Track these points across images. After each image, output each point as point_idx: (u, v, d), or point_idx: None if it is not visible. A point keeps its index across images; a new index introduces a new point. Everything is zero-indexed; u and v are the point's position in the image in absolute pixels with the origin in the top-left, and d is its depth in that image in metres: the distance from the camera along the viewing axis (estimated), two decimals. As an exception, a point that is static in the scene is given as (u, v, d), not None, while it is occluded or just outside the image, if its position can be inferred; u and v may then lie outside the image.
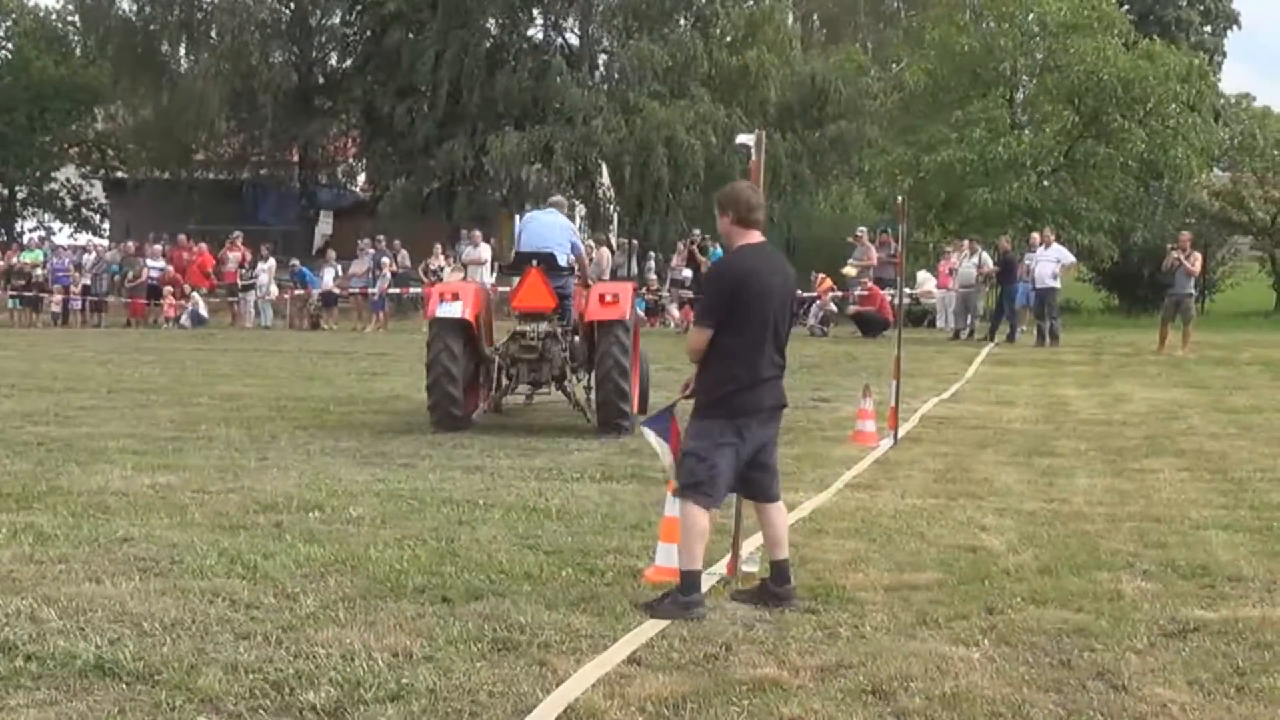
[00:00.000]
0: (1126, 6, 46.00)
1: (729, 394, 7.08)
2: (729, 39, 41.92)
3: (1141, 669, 6.23)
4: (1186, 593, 7.62)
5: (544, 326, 14.28)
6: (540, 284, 14.17)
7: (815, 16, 60.27)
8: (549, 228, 14.66)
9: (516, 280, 14.94)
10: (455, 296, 13.99)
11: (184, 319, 34.13)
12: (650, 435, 7.55)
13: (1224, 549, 8.72)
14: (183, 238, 38.14)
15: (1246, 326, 33.62)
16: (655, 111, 37.61)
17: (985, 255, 30.66)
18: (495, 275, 31.16)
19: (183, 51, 46.68)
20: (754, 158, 8.07)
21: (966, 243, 31.44)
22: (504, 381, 14.71)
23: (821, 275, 32.61)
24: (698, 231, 33.53)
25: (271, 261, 35.54)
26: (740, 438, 7.08)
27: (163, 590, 7.31)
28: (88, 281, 35.68)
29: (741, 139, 8.26)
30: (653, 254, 40.29)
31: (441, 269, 33.11)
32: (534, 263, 14.17)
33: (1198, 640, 6.69)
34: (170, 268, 35.88)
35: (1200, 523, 9.63)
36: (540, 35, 44.02)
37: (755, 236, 7.27)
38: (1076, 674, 6.16)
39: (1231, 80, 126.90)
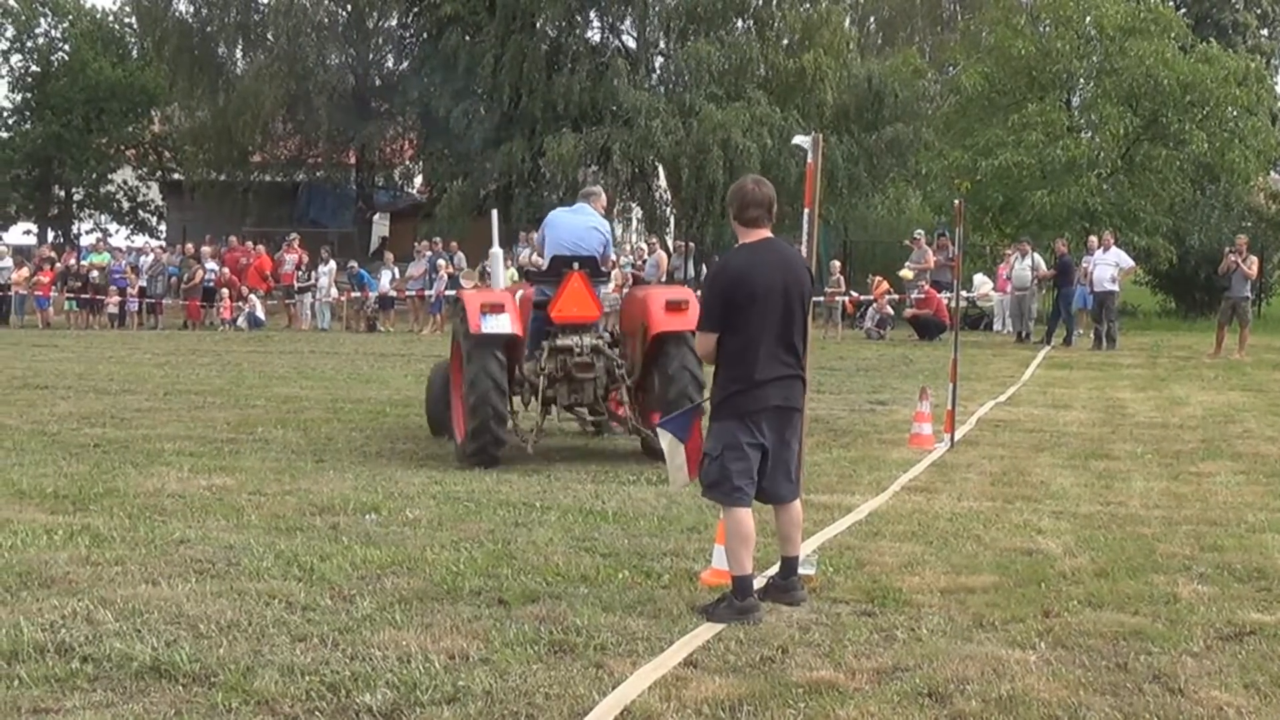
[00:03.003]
0: (1183, 10, 45.61)
1: (732, 394, 7.07)
2: (786, 41, 41.82)
3: (1198, 672, 6.20)
4: (1243, 595, 7.58)
5: (589, 339, 12.52)
6: (584, 291, 12.46)
7: (872, 20, 60.13)
8: (586, 228, 12.80)
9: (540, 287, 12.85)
10: (500, 308, 12.02)
11: (240, 321, 34.35)
12: (665, 437, 7.54)
13: (1281, 552, 8.65)
14: (234, 239, 38.35)
15: (1304, 330, 33.30)
16: (712, 114, 37.53)
17: (1039, 258, 30.54)
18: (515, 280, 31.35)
19: (239, 53, 46.87)
20: (810, 160, 8.05)
21: (1020, 246, 31.31)
22: (541, 405, 12.77)
23: (878, 278, 32.53)
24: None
25: (332, 264, 35.69)
26: (755, 435, 7.07)
27: (219, 592, 7.36)
28: (144, 283, 35.93)
29: (798, 140, 8.26)
30: (708, 257, 40.32)
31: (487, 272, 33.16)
32: (575, 266, 12.37)
33: (1254, 643, 6.66)
34: (225, 269, 36.12)
35: (1256, 526, 9.58)
36: (597, 37, 44.00)
37: (758, 234, 7.21)
38: (1132, 677, 6.14)
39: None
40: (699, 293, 7.97)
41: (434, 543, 8.65)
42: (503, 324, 12.02)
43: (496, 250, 13.31)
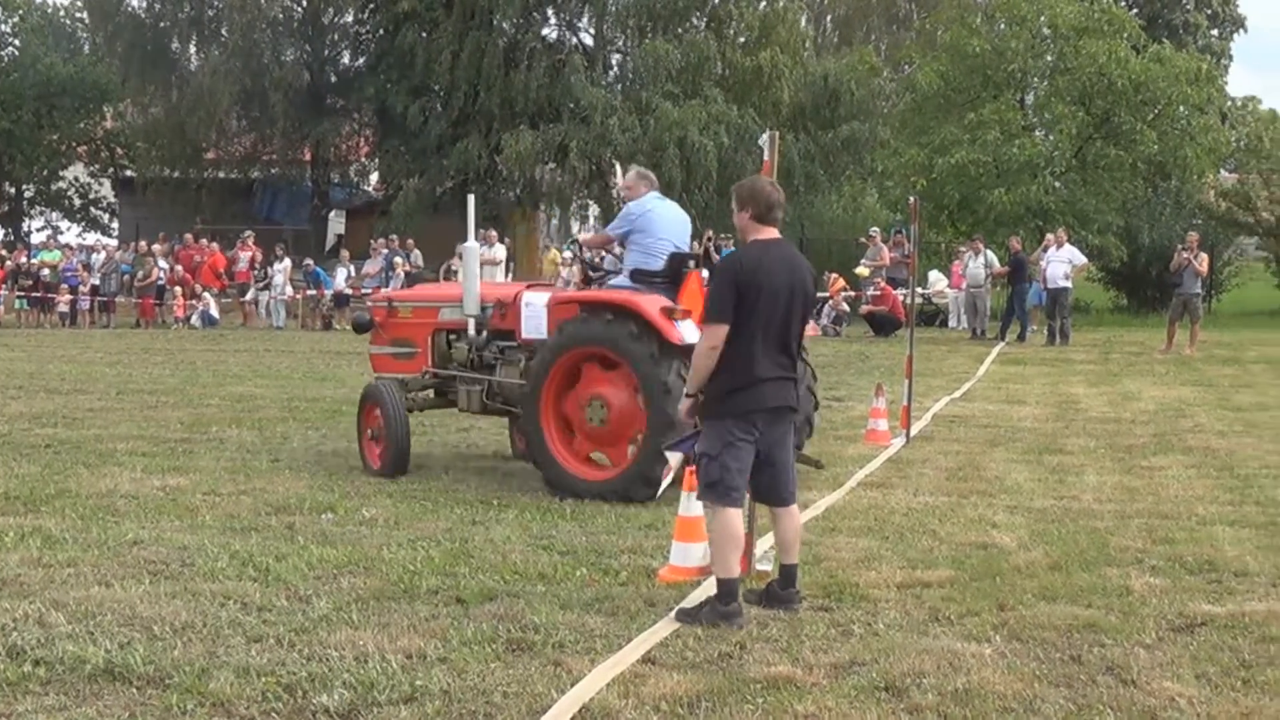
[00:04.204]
0: (1135, 10, 45.94)
1: (727, 393, 7.00)
2: (742, 40, 41.89)
3: (1150, 663, 6.27)
4: (1194, 588, 7.67)
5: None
6: (701, 292, 11.03)
7: (828, 19, 60.33)
8: (683, 221, 11.23)
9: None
10: (687, 314, 10.30)
11: (194, 319, 34.13)
12: (675, 458, 7.53)
13: (1231, 545, 8.77)
14: (189, 237, 38.10)
15: (1252, 326, 33.57)
16: (668, 111, 37.56)
17: (992, 255, 30.72)
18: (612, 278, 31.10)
19: (193, 49, 46.51)
20: (766, 158, 8.07)
21: (974, 244, 31.47)
22: None
23: (835, 275, 32.60)
24: (710, 231, 33.54)
25: (287, 262, 35.47)
26: (750, 434, 7.01)
27: (173, 593, 7.32)
28: (96, 281, 35.66)
29: (763, 142, 8.27)
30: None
31: (456, 271, 33.13)
32: (692, 264, 10.87)
33: (1205, 635, 6.75)
34: (178, 267, 35.87)
35: (1207, 519, 9.69)
36: (555, 35, 44.03)
37: (770, 233, 7.21)
38: (1086, 669, 6.20)
39: (1238, 83, 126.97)
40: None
41: (391, 542, 8.63)
42: (695, 333, 10.78)
43: (471, 244, 12.04)
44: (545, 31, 43.76)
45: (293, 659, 6.21)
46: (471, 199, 12.90)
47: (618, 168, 42.25)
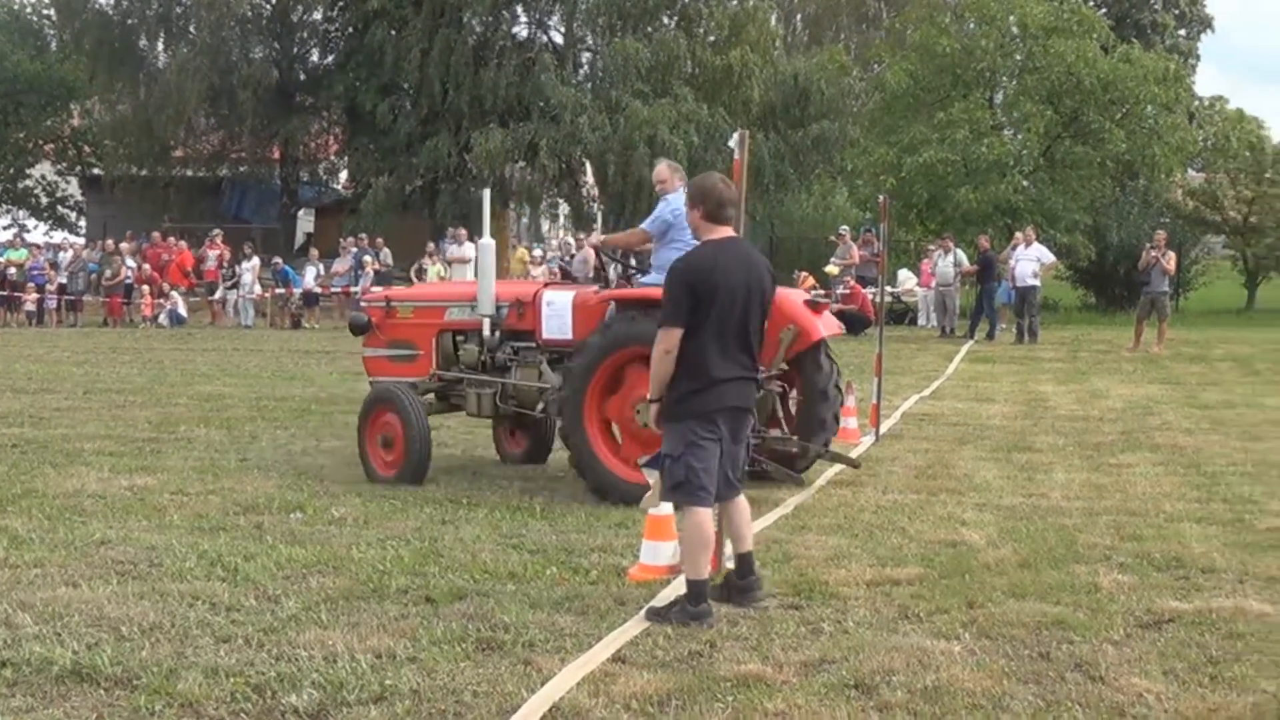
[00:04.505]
0: (1104, 10, 46.14)
1: (687, 394, 6.96)
2: (712, 38, 41.89)
3: (1118, 660, 6.30)
4: (1161, 584, 7.71)
5: None
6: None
7: (798, 18, 60.52)
8: None
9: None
10: (821, 308, 10.42)
11: (162, 318, 33.98)
12: (652, 475, 7.51)
13: (1198, 541, 8.82)
14: (156, 235, 37.91)
15: (1219, 324, 33.81)
16: (638, 110, 37.55)
17: (961, 254, 30.84)
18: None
19: (161, 46, 46.16)
20: (737, 157, 8.07)
21: (943, 242, 31.58)
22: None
23: (804, 274, 32.65)
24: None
25: (255, 260, 35.38)
26: (713, 433, 6.99)
27: (141, 594, 7.29)
28: (63, 280, 35.47)
29: (733, 142, 8.26)
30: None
31: (425, 269, 33.11)
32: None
33: (1172, 631, 6.78)
34: (146, 266, 35.69)
35: (1174, 515, 9.73)
36: (525, 33, 43.96)
37: (724, 232, 7.15)
38: (1055, 665, 6.22)
39: (1205, 83, 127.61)
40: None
41: (360, 541, 8.61)
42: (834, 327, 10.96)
43: (487, 241, 11.18)
44: (515, 29, 43.73)
45: (261, 659, 6.19)
46: (487, 193, 12.23)
47: (588, 166, 42.39)
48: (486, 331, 11.29)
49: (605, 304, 10.61)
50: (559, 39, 43.95)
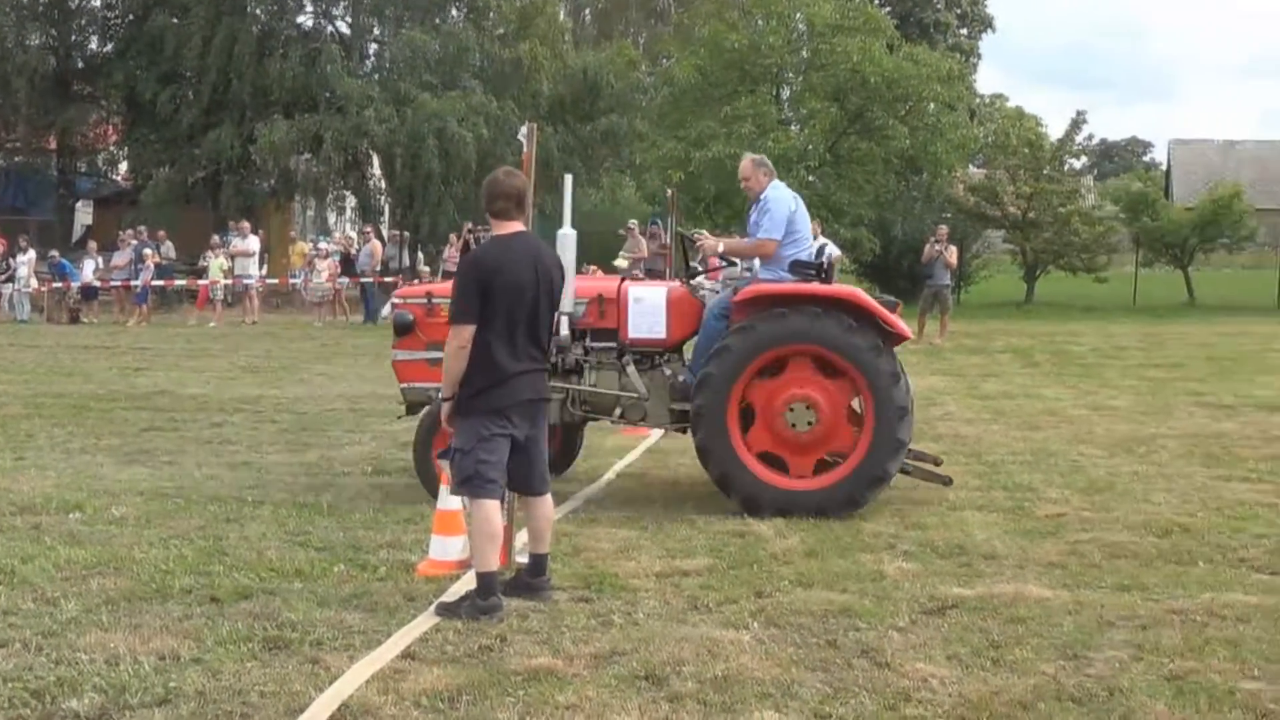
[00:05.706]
0: (887, 8, 47.22)
1: (482, 389, 6.98)
2: (501, 31, 41.88)
3: (903, 646, 6.43)
4: (945, 571, 7.90)
5: None
6: None
7: (587, 11, 60.79)
8: (807, 219, 10.75)
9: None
10: (897, 304, 9.95)
11: (-70, 313, 32.78)
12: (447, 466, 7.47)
13: (979, 529, 9.06)
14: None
15: (999, 316, 34.80)
16: (427, 102, 37.34)
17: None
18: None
19: (-67, 32, 44.66)
20: (526, 150, 8.06)
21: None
22: None
23: (594, 267, 32.73)
24: (470, 223, 33.50)
25: (31, 253, 34.33)
26: (504, 427, 7.01)
27: (-89, 598, 7.02)
28: None
29: (522, 135, 8.23)
30: (422, 246, 40.36)
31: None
32: (822, 274, 10.12)
33: (955, 616, 6.95)
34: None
35: (957, 504, 9.98)
36: (310, 23, 43.41)
37: (512, 226, 7.16)
38: (842, 653, 6.33)
39: (986, 81, 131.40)
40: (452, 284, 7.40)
41: (142, 541, 8.40)
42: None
43: (567, 231, 9.70)
44: (300, 19, 43.22)
45: (40, 663, 6.01)
46: (569, 178, 10.57)
47: (375, 160, 42.01)
48: (564, 330, 10.00)
49: (702, 302, 10.12)
50: (345, 29, 43.48)
